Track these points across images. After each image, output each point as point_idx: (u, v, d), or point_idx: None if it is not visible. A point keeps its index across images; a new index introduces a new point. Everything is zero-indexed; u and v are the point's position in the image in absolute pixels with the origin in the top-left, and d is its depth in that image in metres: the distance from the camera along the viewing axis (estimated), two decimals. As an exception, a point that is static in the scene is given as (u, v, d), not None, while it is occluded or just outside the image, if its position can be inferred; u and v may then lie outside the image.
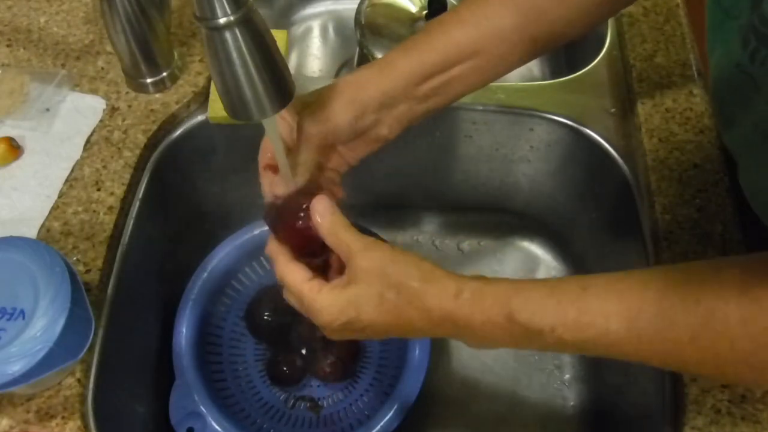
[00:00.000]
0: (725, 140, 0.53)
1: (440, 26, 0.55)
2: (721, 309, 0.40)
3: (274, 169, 0.54)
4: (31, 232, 0.66)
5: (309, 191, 0.53)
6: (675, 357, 0.43)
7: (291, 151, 0.54)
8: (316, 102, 0.54)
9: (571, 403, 0.84)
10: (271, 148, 0.54)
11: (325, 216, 0.50)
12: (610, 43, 0.83)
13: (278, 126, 0.51)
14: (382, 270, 0.48)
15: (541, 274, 0.92)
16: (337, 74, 1.05)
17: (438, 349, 0.86)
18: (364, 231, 0.74)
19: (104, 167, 0.71)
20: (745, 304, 0.40)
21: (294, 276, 0.50)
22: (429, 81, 0.54)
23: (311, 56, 1.09)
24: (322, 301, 0.49)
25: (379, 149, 0.58)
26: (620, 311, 0.43)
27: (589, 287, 0.45)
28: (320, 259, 0.53)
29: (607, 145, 0.77)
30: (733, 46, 0.46)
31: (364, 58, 0.86)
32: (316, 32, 1.10)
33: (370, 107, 0.53)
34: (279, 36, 0.78)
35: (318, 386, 0.81)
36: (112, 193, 0.69)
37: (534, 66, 1.05)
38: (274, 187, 0.54)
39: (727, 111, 0.50)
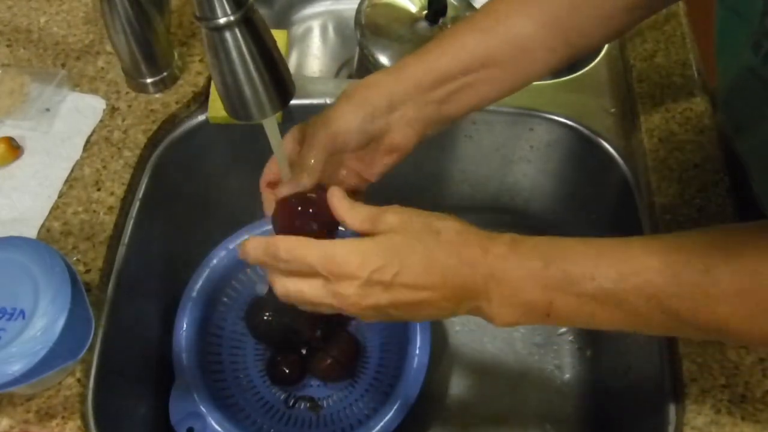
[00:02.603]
0: (736, 146, 0.53)
1: (454, 33, 0.55)
2: (765, 268, 0.40)
3: (274, 186, 0.54)
4: (31, 232, 0.66)
5: (311, 193, 0.53)
6: (717, 314, 0.41)
7: (299, 155, 0.53)
8: (326, 108, 0.53)
9: (571, 403, 0.84)
10: (275, 167, 0.54)
11: (342, 198, 0.49)
12: (610, 43, 0.83)
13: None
14: (418, 217, 0.46)
15: (541, 274, 0.92)
16: (337, 74, 1.06)
17: (438, 349, 0.86)
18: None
19: (104, 167, 0.71)
20: None
21: (311, 246, 0.46)
22: (440, 87, 0.54)
23: (311, 56, 1.09)
24: (349, 248, 0.45)
25: (398, 164, 0.56)
26: (662, 262, 0.42)
27: (632, 241, 0.44)
28: None
29: (607, 145, 0.77)
30: (744, 50, 0.45)
31: (364, 58, 0.86)
32: (316, 32, 1.10)
33: (379, 109, 0.53)
34: (279, 36, 0.78)
35: (318, 386, 0.81)
36: (112, 193, 0.69)
37: (534, 66, 1.05)
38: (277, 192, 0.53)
39: (740, 116, 0.50)
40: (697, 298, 0.41)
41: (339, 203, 0.49)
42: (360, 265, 0.45)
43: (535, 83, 0.83)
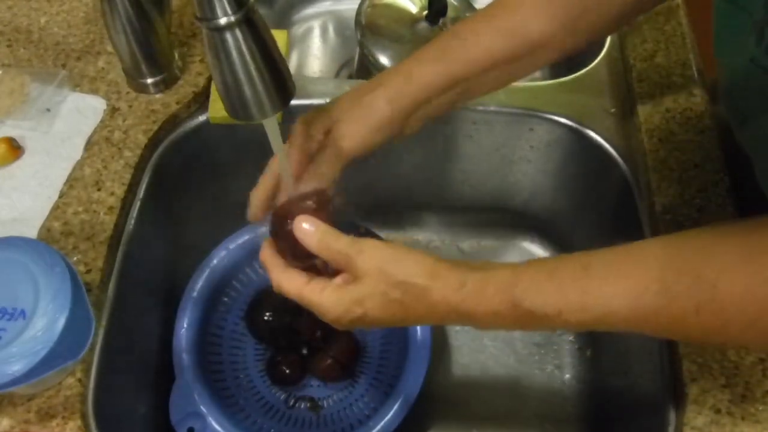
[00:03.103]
0: (739, 137, 0.53)
1: (473, 31, 0.56)
2: (726, 279, 0.40)
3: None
4: (32, 232, 0.66)
5: (311, 194, 0.53)
6: (680, 329, 0.43)
7: (311, 159, 0.54)
8: (349, 115, 0.54)
9: (571, 403, 0.84)
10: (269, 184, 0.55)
11: (312, 233, 0.49)
12: (610, 43, 0.83)
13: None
14: (384, 270, 0.48)
15: (541, 274, 0.92)
16: (337, 74, 1.06)
17: (438, 349, 0.86)
18: (365, 232, 0.75)
19: (105, 167, 0.71)
20: (749, 271, 0.40)
21: (291, 283, 0.50)
22: (457, 86, 0.55)
23: (311, 56, 1.09)
24: (326, 300, 0.49)
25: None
26: (623, 290, 0.43)
27: (591, 267, 0.45)
28: (321, 260, 0.53)
29: (607, 145, 0.77)
30: (747, 41, 0.45)
31: (365, 59, 0.86)
32: (316, 32, 1.10)
33: (399, 119, 0.55)
34: (279, 36, 0.78)
35: (318, 386, 0.81)
36: (112, 193, 0.69)
37: (534, 66, 1.05)
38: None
39: (743, 107, 0.50)
40: (660, 317, 0.42)
41: (309, 240, 0.49)
42: (335, 314, 0.49)
43: (535, 83, 0.83)
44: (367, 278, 0.48)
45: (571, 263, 0.46)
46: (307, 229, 0.49)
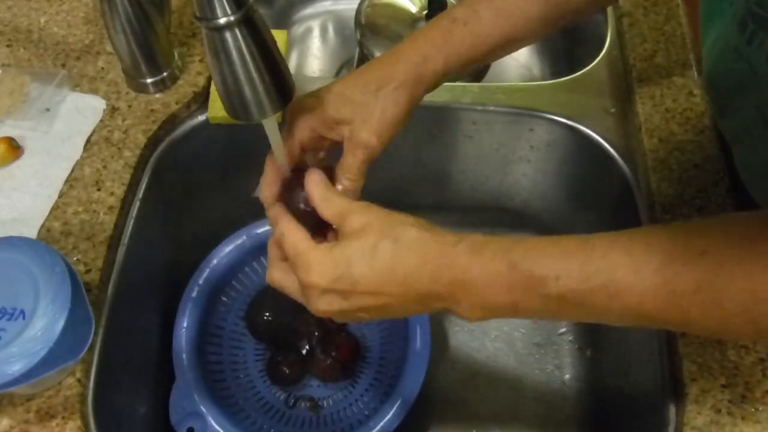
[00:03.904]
0: (721, 126, 0.53)
1: (475, 16, 0.55)
2: (727, 262, 0.40)
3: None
4: (31, 232, 0.66)
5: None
6: (678, 309, 0.42)
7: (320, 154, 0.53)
8: (368, 115, 0.53)
9: (571, 403, 0.84)
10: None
11: (318, 184, 0.50)
12: (610, 43, 0.83)
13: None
14: (378, 222, 0.47)
15: (541, 274, 0.92)
16: (337, 74, 1.05)
17: (438, 349, 0.86)
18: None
19: (104, 167, 0.71)
20: (751, 258, 0.40)
21: (296, 234, 0.49)
22: (457, 72, 0.55)
23: (311, 56, 1.09)
24: (315, 256, 0.47)
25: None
26: (626, 261, 0.42)
27: (594, 239, 0.44)
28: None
29: (607, 145, 0.77)
30: (729, 30, 0.45)
31: (365, 58, 0.86)
32: (316, 32, 1.10)
33: (417, 100, 0.54)
34: (279, 36, 0.78)
35: (318, 386, 0.81)
36: (112, 193, 0.69)
37: (534, 66, 1.05)
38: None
39: (724, 96, 0.50)
40: (659, 294, 0.42)
41: (314, 190, 0.50)
42: (320, 275, 0.47)
43: (535, 83, 0.83)
44: (358, 233, 0.47)
45: (574, 237, 0.45)
46: (316, 179, 0.50)
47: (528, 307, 0.45)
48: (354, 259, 0.46)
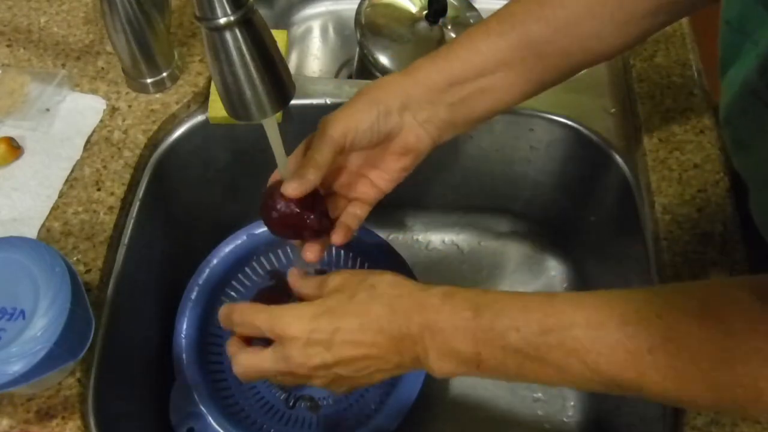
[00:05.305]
0: (735, 164, 0.52)
1: (468, 36, 0.55)
2: (683, 326, 0.41)
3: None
4: (31, 232, 0.66)
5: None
6: (634, 370, 0.42)
7: (307, 150, 0.53)
8: (340, 107, 0.54)
9: (571, 404, 0.84)
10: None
11: (297, 277, 0.55)
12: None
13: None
14: (354, 278, 0.50)
15: (540, 273, 0.92)
16: (337, 74, 1.05)
17: (438, 349, 0.86)
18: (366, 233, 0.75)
19: (104, 167, 0.71)
20: (707, 324, 0.40)
21: (259, 307, 0.51)
22: (453, 89, 0.54)
23: (311, 56, 1.09)
24: (293, 311, 0.49)
25: (411, 168, 0.57)
26: (584, 319, 0.43)
27: (556, 297, 0.46)
28: (310, 231, 0.55)
29: (607, 145, 0.77)
30: (750, 71, 0.45)
31: (364, 58, 0.86)
32: (316, 32, 1.10)
33: (392, 108, 0.53)
34: (279, 36, 0.78)
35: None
36: (112, 193, 0.69)
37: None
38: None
39: (740, 135, 0.50)
40: (615, 353, 0.42)
41: (293, 279, 0.55)
42: (300, 326, 0.48)
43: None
44: (335, 289, 0.50)
45: (539, 294, 0.47)
46: (295, 272, 0.56)
47: (491, 359, 0.46)
48: (332, 310, 0.48)
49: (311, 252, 0.55)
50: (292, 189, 0.51)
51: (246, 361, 0.52)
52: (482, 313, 0.45)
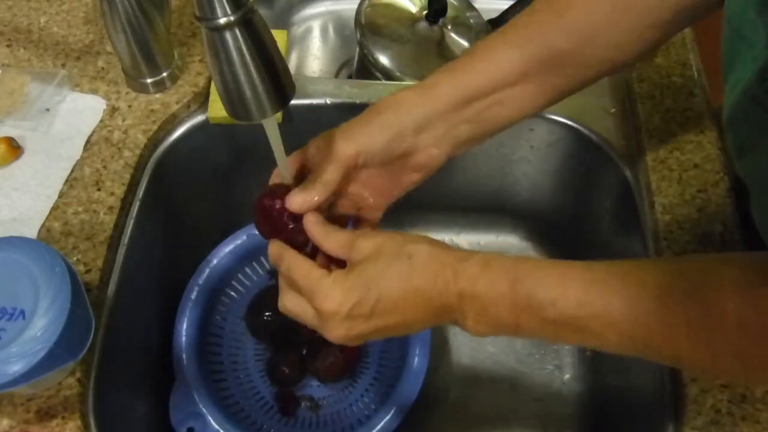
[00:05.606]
0: (737, 168, 0.52)
1: (486, 48, 0.54)
2: (719, 304, 0.41)
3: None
4: (31, 232, 0.66)
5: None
6: (670, 344, 0.43)
7: (316, 167, 0.52)
8: (352, 121, 0.53)
9: (571, 404, 0.84)
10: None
11: (316, 224, 0.50)
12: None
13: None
14: (390, 243, 0.48)
15: (541, 274, 0.92)
16: (337, 74, 1.05)
17: (438, 349, 0.86)
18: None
19: (104, 167, 0.71)
20: (743, 303, 0.40)
21: (303, 265, 0.49)
22: (471, 105, 0.53)
23: (311, 56, 1.09)
24: (330, 284, 0.47)
25: (423, 181, 0.56)
26: (622, 293, 0.43)
27: (594, 268, 0.45)
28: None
29: (607, 145, 0.77)
30: (749, 77, 0.45)
31: (364, 58, 0.86)
32: (316, 32, 1.10)
33: (407, 130, 0.52)
34: (279, 36, 0.78)
35: (318, 386, 0.81)
36: (112, 193, 0.69)
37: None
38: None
39: (741, 139, 0.50)
40: (651, 326, 0.43)
41: (314, 229, 0.51)
42: (340, 302, 0.47)
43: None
44: (370, 256, 0.47)
45: (577, 264, 0.46)
46: (313, 219, 0.50)
47: (528, 326, 0.46)
48: (371, 281, 0.47)
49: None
50: (297, 205, 0.51)
51: (290, 304, 0.51)
52: (519, 286, 0.45)
